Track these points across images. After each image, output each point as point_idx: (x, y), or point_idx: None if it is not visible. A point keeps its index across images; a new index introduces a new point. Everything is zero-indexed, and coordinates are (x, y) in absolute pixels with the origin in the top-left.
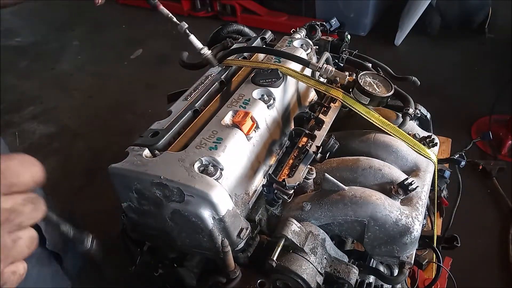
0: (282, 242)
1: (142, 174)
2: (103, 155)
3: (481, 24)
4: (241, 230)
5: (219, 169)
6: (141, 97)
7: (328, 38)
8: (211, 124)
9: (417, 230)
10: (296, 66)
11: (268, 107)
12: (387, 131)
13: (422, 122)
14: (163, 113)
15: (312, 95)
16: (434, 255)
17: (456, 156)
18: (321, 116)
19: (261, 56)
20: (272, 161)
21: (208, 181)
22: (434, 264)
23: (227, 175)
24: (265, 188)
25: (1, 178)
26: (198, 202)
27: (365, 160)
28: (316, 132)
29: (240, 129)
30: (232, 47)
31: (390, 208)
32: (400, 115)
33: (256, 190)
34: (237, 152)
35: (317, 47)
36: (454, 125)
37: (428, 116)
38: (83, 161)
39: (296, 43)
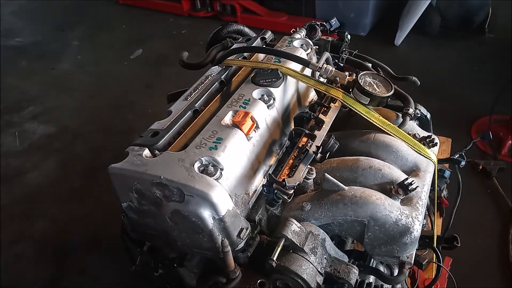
0: (282, 242)
1: (142, 174)
2: (103, 155)
3: (481, 24)
4: (241, 230)
5: (219, 169)
6: (141, 97)
7: (328, 38)
8: (211, 124)
9: (417, 230)
10: (296, 66)
11: (268, 107)
12: (387, 131)
13: (422, 122)
14: (163, 113)
15: (312, 95)
16: (434, 255)
17: (456, 156)
18: (321, 116)
19: (261, 56)
20: (272, 161)
21: (208, 181)
22: (434, 264)
23: (227, 175)
24: (265, 188)
25: None
26: (198, 202)
27: (365, 160)
28: (316, 132)
29: (240, 129)
30: (232, 47)
31: (390, 208)
32: (400, 115)
33: (256, 190)
34: (237, 152)
35: (317, 47)
36: (454, 125)
37: (428, 116)
38: (83, 161)
39: (296, 43)
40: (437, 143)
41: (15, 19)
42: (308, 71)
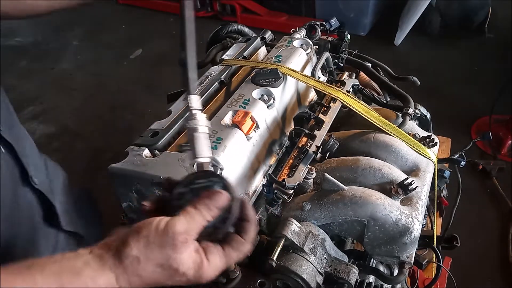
0: (282, 242)
1: (142, 174)
2: (103, 155)
3: (481, 24)
4: None
5: (218, 169)
6: (141, 97)
7: (328, 38)
8: (211, 124)
9: (417, 230)
10: (296, 66)
11: (268, 107)
12: (387, 131)
13: (422, 122)
14: (163, 113)
15: (312, 95)
16: (434, 255)
17: (456, 156)
18: (321, 116)
19: (261, 55)
20: (272, 161)
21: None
22: (434, 264)
23: (227, 175)
24: (265, 188)
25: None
26: None
27: (365, 160)
28: (316, 132)
29: (240, 129)
30: (232, 47)
31: (390, 208)
32: (400, 115)
33: (256, 190)
34: (237, 152)
35: (317, 47)
36: (454, 125)
37: (428, 116)
38: (83, 161)
39: (296, 43)
40: (437, 143)
41: None
42: (308, 71)
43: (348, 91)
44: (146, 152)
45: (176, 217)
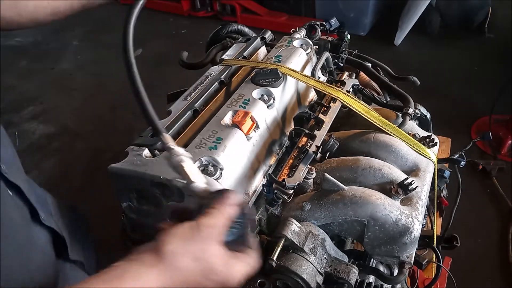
0: (282, 242)
1: (142, 174)
2: (103, 155)
3: (481, 24)
4: None
5: (218, 169)
6: None
7: (328, 38)
8: (210, 124)
9: (417, 230)
10: (296, 66)
11: (268, 107)
12: (387, 131)
13: (422, 122)
14: (163, 113)
15: (312, 95)
16: (434, 255)
17: (456, 156)
18: (321, 116)
19: (261, 55)
20: (272, 161)
21: (208, 181)
22: (434, 264)
23: (227, 175)
24: (265, 188)
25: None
26: None
27: (365, 160)
28: (316, 132)
29: (240, 129)
30: (232, 47)
31: (390, 208)
32: (400, 115)
33: (256, 190)
34: (237, 152)
35: (317, 47)
36: (454, 125)
37: (428, 116)
38: (83, 161)
39: (295, 43)
40: (437, 143)
41: None
42: (308, 71)
43: (348, 91)
44: (146, 152)
45: (202, 216)
